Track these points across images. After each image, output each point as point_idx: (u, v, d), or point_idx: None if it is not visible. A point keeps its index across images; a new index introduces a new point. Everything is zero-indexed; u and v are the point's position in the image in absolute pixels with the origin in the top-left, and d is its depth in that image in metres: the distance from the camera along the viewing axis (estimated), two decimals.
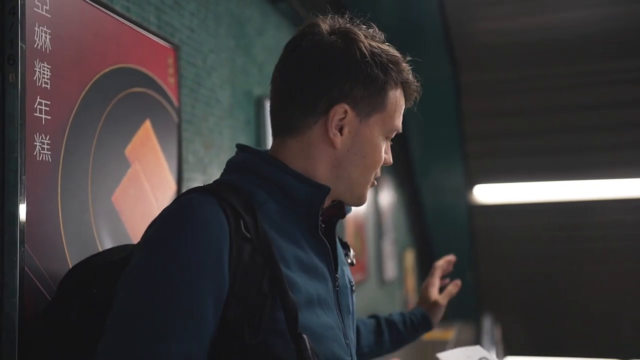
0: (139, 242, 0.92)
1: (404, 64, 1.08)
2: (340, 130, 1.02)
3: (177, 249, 0.86)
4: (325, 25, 1.06)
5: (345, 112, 1.02)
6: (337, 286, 1.05)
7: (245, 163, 1.05)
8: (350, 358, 1.03)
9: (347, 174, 1.04)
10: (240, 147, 1.09)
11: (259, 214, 0.96)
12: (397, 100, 1.07)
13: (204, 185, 0.97)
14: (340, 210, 1.10)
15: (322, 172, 1.03)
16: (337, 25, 1.06)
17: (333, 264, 1.04)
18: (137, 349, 0.81)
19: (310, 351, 0.86)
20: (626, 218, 5.89)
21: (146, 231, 0.92)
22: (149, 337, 0.81)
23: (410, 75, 1.09)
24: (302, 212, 1.01)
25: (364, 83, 1.02)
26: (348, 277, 1.14)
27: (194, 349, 0.83)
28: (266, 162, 1.03)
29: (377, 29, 1.10)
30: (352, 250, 1.25)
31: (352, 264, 1.23)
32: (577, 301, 6.23)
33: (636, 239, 5.96)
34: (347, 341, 1.03)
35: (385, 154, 1.09)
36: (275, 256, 0.91)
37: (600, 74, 4.86)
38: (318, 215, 1.01)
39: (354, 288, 1.15)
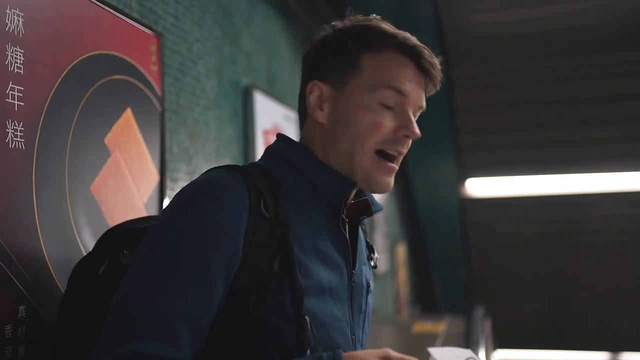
0: (166, 207, 0.95)
1: (385, 26, 1.05)
2: (323, 107, 1.05)
3: (197, 217, 0.89)
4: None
5: (319, 88, 1.05)
6: (353, 282, 1.05)
7: (278, 151, 1.08)
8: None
9: (339, 148, 1.03)
10: (278, 136, 1.11)
11: (284, 197, 0.98)
12: (381, 62, 1.03)
13: (233, 165, 1.00)
14: (366, 207, 1.09)
15: (321, 155, 1.05)
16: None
17: (351, 260, 1.05)
18: (148, 299, 0.84)
19: (310, 331, 0.89)
20: (619, 211, 5.89)
21: (174, 197, 0.95)
22: (161, 291, 0.84)
23: (399, 33, 1.05)
24: (325, 203, 1.02)
25: (331, 54, 1.05)
26: (366, 277, 1.13)
27: (202, 311, 0.86)
28: (297, 151, 1.05)
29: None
30: (376, 254, 1.24)
31: (374, 266, 1.22)
32: (569, 295, 6.23)
33: (629, 232, 5.97)
34: (353, 337, 1.03)
35: (398, 121, 1.03)
36: (290, 238, 0.93)
37: (593, 67, 4.84)
38: (340, 208, 1.02)
39: (370, 289, 1.14)
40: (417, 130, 1.04)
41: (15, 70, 1.11)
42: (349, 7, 1.11)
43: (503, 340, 5.91)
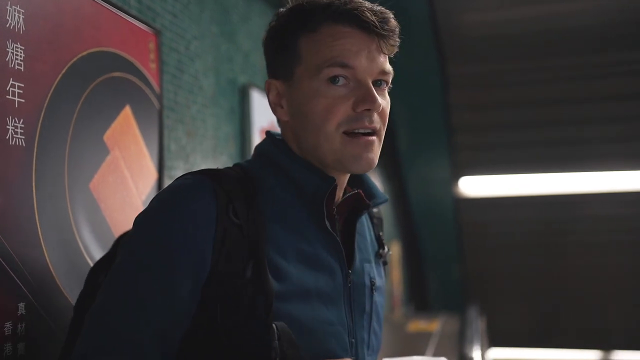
0: (138, 214, 0.95)
1: (309, 1, 0.99)
2: (282, 104, 1.02)
3: (161, 232, 0.89)
4: None
5: (275, 86, 1.02)
6: (350, 282, 1.01)
7: (264, 149, 1.05)
8: (352, 357, 1.00)
9: (305, 141, 0.99)
10: (266, 134, 1.08)
11: (264, 200, 0.96)
12: (319, 40, 0.96)
13: (206, 169, 0.97)
14: (359, 202, 1.04)
15: (298, 152, 1.02)
16: None
17: (346, 259, 1.01)
18: (116, 314, 0.85)
19: (277, 341, 0.85)
20: (614, 211, 5.92)
21: (148, 205, 0.95)
22: (128, 306, 0.85)
23: (334, 2, 0.97)
24: (309, 203, 0.99)
25: (274, 48, 1.02)
26: (369, 275, 1.07)
27: (168, 325, 0.86)
28: (277, 149, 1.03)
29: None
30: (386, 249, 1.20)
31: (385, 262, 1.18)
32: (562, 293, 6.26)
33: (622, 232, 5.99)
34: (352, 340, 1.00)
35: (355, 96, 0.95)
36: (263, 243, 0.90)
37: (589, 66, 4.86)
38: (322, 208, 0.98)
39: (374, 287, 1.08)
40: (378, 101, 0.96)
41: (16, 67, 1.10)
42: None
43: (497, 339, 5.93)
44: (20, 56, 1.11)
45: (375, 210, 1.24)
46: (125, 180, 1.51)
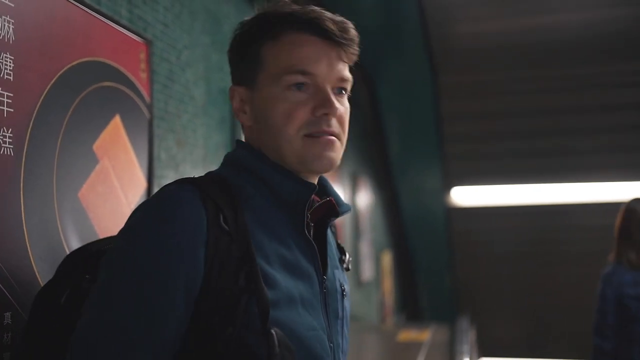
0: (121, 229, 0.93)
1: (281, 9, 1.01)
2: (245, 109, 1.04)
3: (150, 244, 0.87)
4: None
5: (238, 92, 1.04)
6: (325, 288, 1.02)
7: (237, 157, 1.05)
8: None
9: (268, 146, 1.01)
10: (237, 143, 1.09)
11: (245, 208, 0.95)
12: (281, 48, 0.99)
13: (188, 178, 0.97)
14: (330, 209, 1.06)
15: (265, 155, 1.02)
16: None
17: (321, 266, 1.02)
18: (106, 336, 0.84)
19: (278, 348, 0.85)
20: (603, 221, 5.95)
21: (129, 218, 0.93)
22: (118, 326, 0.84)
23: (296, 10, 1.00)
24: (288, 209, 0.99)
25: (238, 55, 1.04)
26: (339, 281, 1.09)
27: (163, 341, 0.85)
28: (255, 157, 1.03)
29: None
30: (347, 255, 1.21)
31: (347, 269, 1.19)
32: (553, 303, 6.28)
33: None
34: (331, 344, 1.01)
35: (315, 101, 0.98)
36: (253, 251, 0.90)
37: (580, 78, 4.90)
38: (304, 214, 0.99)
39: (345, 293, 1.10)
40: (336, 105, 0.99)
41: (5, 76, 1.11)
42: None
43: (487, 349, 5.94)
44: (10, 66, 1.12)
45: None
46: (115, 190, 1.51)
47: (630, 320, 2.80)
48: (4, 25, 1.11)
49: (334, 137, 1.00)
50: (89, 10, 1.40)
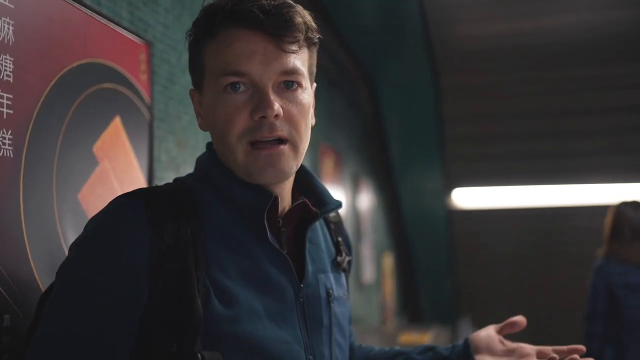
0: (75, 239, 0.92)
1: (217, 5, 0.93)
2: (202, 113, 1.01)
3: (92, 261, 0.86)
4: None
5: (195, 96, 1.01)
6: (302, 297, 0.96)
7: (202, 164, 1.02)
8: None
9: (219, 150, 0.97)
10: (206, 146, 1.05)
11: (203, 216, 0.92)
12: (216, 47, 0.93)
13: (141, 188, 0.95)
14: (306, 211, 1.00)
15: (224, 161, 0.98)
16: None
17: (298, 272, 0.97)
18: (46, 348, 0.84)
19: None
20: (603, 223, 5.95)
21: (84, 228, 0.92)
22: (60, 343, 0.84)
23: (227, 4, 0.92)
24: (249, 220, 0.95)
25: (191, 62, 1.00)
26: (325, 286, 1.02)
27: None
28: (212, 164, 0.99)
29: None
30: (344, 255, 1.12)
31: (344, 270, 1.13)
32: (555, 305, 6.27)
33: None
34: (310, 357, 0.95)
35: (253, 103, 0.90)
36: (191, 265, 0.85)
37: (581, 79, 4.90)
38: (264, 224, 0.93)
39: (331, 298, 1.02)
40: (274, 107, 0.89)
41: (5, 78, 1.10)
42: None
43: None
44: (10, 67, 1.12)
45: (332, 214, 1.16)
46: (115, 192, 1.50)
47: (618, 307, 3.21)
48: (4, 26, 1.10)
49: (281, 146, 0.92)
50: (89, 12, 1.40)
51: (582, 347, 1.11)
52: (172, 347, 0.82)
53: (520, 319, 1.19)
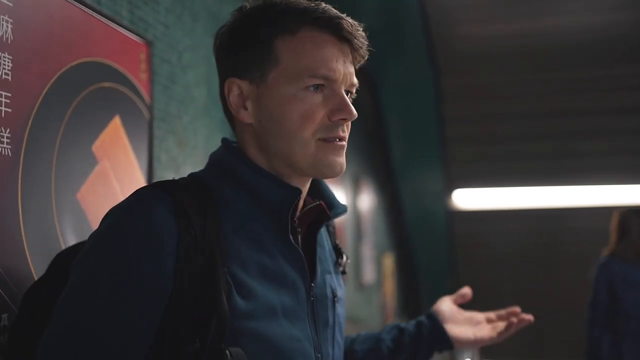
0: (93, 232, 0.91)
1: (295, 2, 0.96)
2: (246, 105, 0.98)
3: (116, 254, 0.85)
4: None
5: (238, 86, 0.98)
6: (312, 296, 0.99)
7: (220, 160, 1.02)
8: None
9: (276, 148, 0.96)
10: (222, 141, 1.05)
11: (224, 214, 0.92)
12: (299, 45, 0.94)
13: (162, 182, 0.94)
14: (320, 212, 1.02)
15: (255, 157, 0.99)
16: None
17: (308, 273, 0.99)
18: (69, 342, 0.82)
19: None
20: (605, 225, 5.95)
21: (101, 222, 0.91)
22: (82, 339, 0.82)
23: (310, 7, 0.95)
24: (271, 215, 0.96)
25: (243, 46, 0.97)
26: (331, 287, 1.05)
27: (126, 356, 0.83)
28: (234, 158, 0.99)
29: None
30: (344, 258, 1.16)
31: (343, 272, 1.15)
32: (555, 305, 6.26)
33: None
34: (318, 355, 0.97)
35: (331, 104, 0.95)
36: (217, 260, 0.86)
37: (582, 80, 4.90)
38: (288, 221, 0.95)
39: (336, 299, 1.05)
40: (354, 111, 0.96)
41: (3, 76, 1.10)
42: None
43: (489, 350, 5.92)
44: (8, 65, 1.11)
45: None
46: (114, 191, 1.50)
47: (617, 299, 3.65)
48: (3, 24, 1.10)
49: (343, 143, 0.98)
50: (89, 11, 1.40)
51: (518, 309, 1.32)
52: (195, 343, 0.82)
53: (467, 290, 1.38)
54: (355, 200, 4.69)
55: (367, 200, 5.10)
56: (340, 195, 4.11)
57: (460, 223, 6.32)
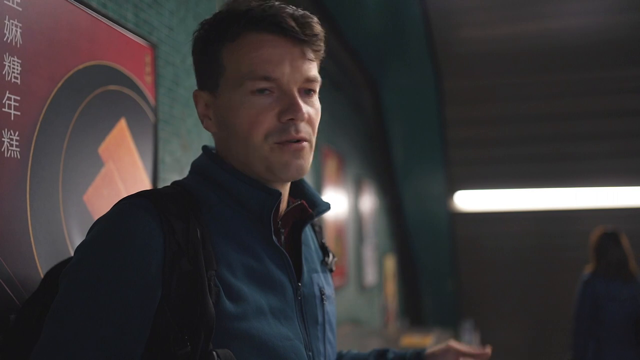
0: (80, 243, 0.91)
1: (239, 7, 0.95)
2: (210, 115, 1.01)
3: (102, 266, 0.85)
4: None
5: (202, 97, 1.01)
6: (300, 295, 1.00)
7: (201, 166, 1.03)
8: None
9: (236, 152, 0.97)
10: (202, 149, 1.07)
11: (209, 219, 0.94)
12: (240, 50, 0.95)
13: (145, 190, 0.95)
14: (303, 212, 1.04)
15: (235, 162, 1.00)
16: None
17: (295, 273, 1.00)
18: (55, 355, 0.82)
19: None
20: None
21: (88, 232, 0.91)
22: (68, 345, 0.82)
23: (252, 8, 0.94)
24: (255, 219, 0.97)
25: (199, 58, 1.01)
26: (319, 285, 1.06)
27: None
28: (217, 166, 1.01)
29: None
30: (331, 256, 1.17)
31: (330, 270, 1.16)
32: (556, 307, 6.26)
33: None
34: (309, 353, 0.99)
35: (280, 105, 0.93)
36: (203, 265, 0.87)
37: (584, 83, 4.91)
38: (269, 223, 0.97)
39: (324, 297, 1.07)
40: (302, 110, 0.94)
41: (12, 80, 1.11)
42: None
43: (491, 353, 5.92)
44: (17, 69, 1.13)
45: (316, 218, 1.20)
46: (120, 193, 1.52)
47: (599, 311, 4.07)
48: (12, 29, 1.12)
49: (303, 143, 0.96)
50: (95, 14, 1.41)
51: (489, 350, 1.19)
52: (186, 347, 0.83)
53: (486, 351, 1.22)
54: (357, 202, 4.71)
55: (368, 202, 5.11)
56: (342, 197, 4.12)
57: (461, 225, 6.33)
